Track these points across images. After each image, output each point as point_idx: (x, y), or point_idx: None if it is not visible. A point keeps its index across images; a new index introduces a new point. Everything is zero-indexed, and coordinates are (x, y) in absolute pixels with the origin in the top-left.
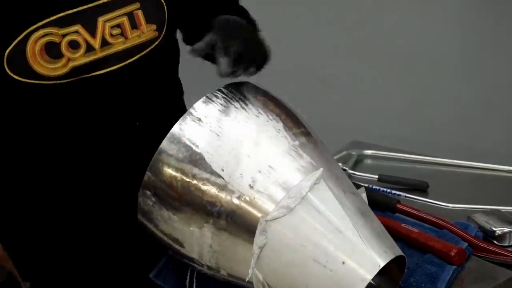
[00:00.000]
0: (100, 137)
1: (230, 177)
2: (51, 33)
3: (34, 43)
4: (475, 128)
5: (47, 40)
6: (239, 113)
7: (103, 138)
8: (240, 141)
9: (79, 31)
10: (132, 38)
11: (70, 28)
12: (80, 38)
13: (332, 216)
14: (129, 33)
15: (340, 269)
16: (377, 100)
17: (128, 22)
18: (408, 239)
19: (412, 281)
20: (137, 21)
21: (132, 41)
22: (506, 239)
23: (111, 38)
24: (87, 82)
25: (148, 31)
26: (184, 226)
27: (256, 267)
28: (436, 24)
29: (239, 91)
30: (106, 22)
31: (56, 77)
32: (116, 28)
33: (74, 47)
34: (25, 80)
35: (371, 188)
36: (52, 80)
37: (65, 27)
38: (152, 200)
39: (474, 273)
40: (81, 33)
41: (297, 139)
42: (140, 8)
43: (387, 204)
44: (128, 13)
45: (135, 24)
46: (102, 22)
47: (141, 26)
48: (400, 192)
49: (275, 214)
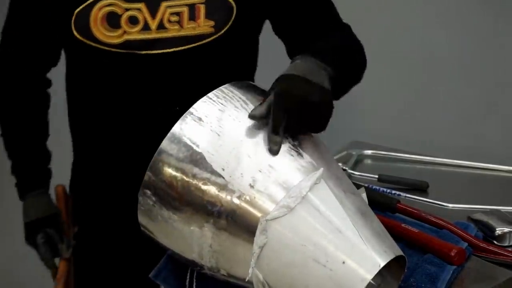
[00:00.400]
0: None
1: (230, 177)
2: (116, 4)
3: (99, 9)
4: (475, 128)
5: (111, 10)
6: (240, 113)
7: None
8: (241, 141)
9: (142, 9)
10: (187, 28)
11: (135, 4)
12: (140, 15)
13: (332, 216)
14: (185, 23)
15: (340, 269)
16: (377, 100)
17: (187, 13)
18: (408, 239)
19: (412, 281)
20: (196, 13)
21: (186, 31)
22: (506, 239)
23: (168, 23)
24: (137, 58)
25: (205, 25)
26: (184, 226)
27: (256, 267)
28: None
29: (240, 90)
30: (167, 8)
31: (110, 44)
32: (175, 15)
33: (133, 22)
34: (84, 40)
35: (371, 188)
36: (106, 47)
37: (130, 2)
38: (153, 200)
39: (474, 273)
40: (142, 11)
41: (297, 138)
42: (204, 3)
43: (387, 204)
44: (190, 5)
45: (194, 16)
46: (164, 7)
47: (199, 19)
48: (400, 192)
49: (275, 214)
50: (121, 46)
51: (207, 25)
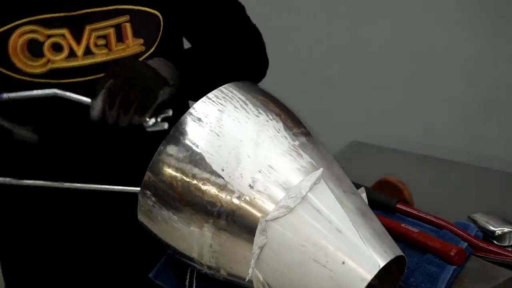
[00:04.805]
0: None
1: (230, 177)
2: (36, 30)
3: (18, 37)
4: (475, 128)
5: (31, 37)
6: (239, 113)
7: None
8: (240, 141)
9: (65, 35)
10: (116, 51)
11: (57, 30)
12: (64, 42)
13: (332, 216)
14: (113, 45)
15: (340, 269)
16: (377, 100)
17: (114, 35)
18: (408, 239)
19: (412, 281)
20: (124, 34)
21: (115, 54)
22: (506, 239)
23: (95, 48)
24: (64, 87)
25: (134, 45)
26: (184, 226)
27: (256, 267)
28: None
29: (239, 91)
30: (93, 31)
31: (33, 74)
32: (102, 39)
33: (57, 49)
34: (3, 70)
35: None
36: (29, 77)
37: (52, 28)
38: (152, 200)
39: (474, 273)
40: (66, 37)
41: (297, 139)
42: (129, 20)
43: (387, 204)
44: (116, 25)
45: (121, 37)
46: (89, 31)
47: (127, 40)
48: None
49: (275, 214)
50: (46, 75)
51: (137, 43)
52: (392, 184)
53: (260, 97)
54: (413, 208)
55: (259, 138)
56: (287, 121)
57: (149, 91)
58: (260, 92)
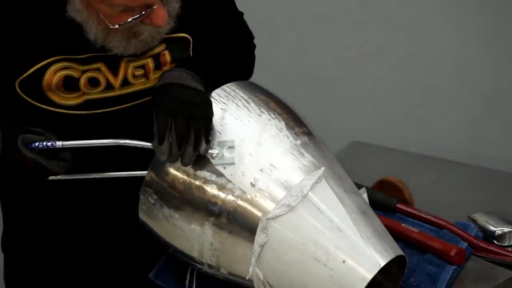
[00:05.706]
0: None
1: (231, 176)
2: (71, 67)
3: (53, 74)
4: (475, 128)
5: (66, 74)
6: (242, 112)
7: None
8: (242, 140)
9: (101, 69)
10: (153, 79)
11: (93, 65)
12: (101, 76)
13: (333, 215)
14: (151, 74)
15: (341, 268)
16: (377, 101)
17: (152, 64)
18: (408, 239)
19: (412, 281)
20: (162, 61)
21: (153, 82)
22: (506, 239)
23: (133, 78)
24: (100, 116)
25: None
26: (185, 224)
27: (257, 265)
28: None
29: (242, 90)
30: (129, 62)
31: (67, 106)
32: (140, 69)
33: (93, 84)
34: (37, 103)
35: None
36: (63, 109)
37: (87, 64)
38: (154, 198)
39: (474, 273)
40: (102, 71)
41: (299, 138)
42: (166, 48)
43: (387, 204)
44: (154, 55)
45: (159, 65)
46: (126, 62)
47: (165, 66)
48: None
49: (276, 213)
50: (82, 107)
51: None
52: (392, 184)
53: (262, 96)
54: (413, 208)
55: (261, 137)
56: (289, 120)
57: (209, 121)
58: (262, 91)
